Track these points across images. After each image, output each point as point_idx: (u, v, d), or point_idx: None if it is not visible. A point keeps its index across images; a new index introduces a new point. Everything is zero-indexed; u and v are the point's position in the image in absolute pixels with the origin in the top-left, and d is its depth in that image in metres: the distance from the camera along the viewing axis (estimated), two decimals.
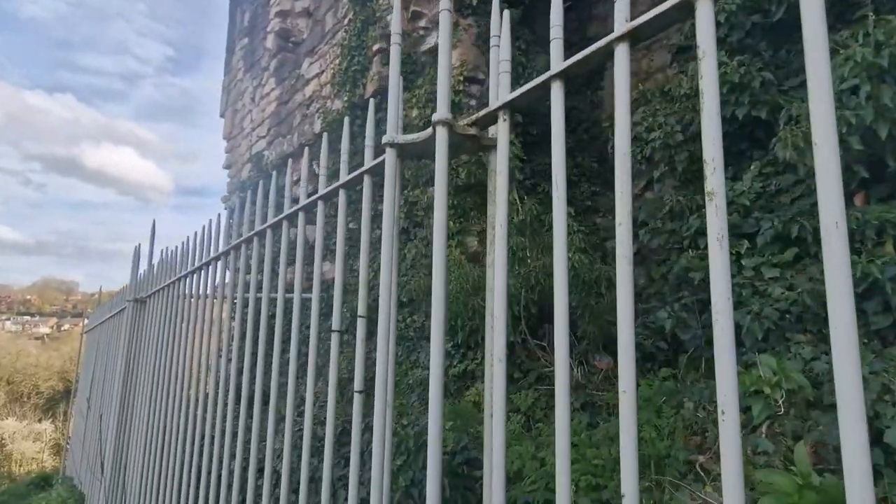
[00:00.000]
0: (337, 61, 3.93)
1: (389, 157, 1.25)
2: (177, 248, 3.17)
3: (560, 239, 0.91)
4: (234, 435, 2.23)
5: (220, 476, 2.08)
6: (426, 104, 3.43)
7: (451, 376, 2.73)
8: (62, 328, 44.41)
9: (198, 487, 2.27)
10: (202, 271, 2.76)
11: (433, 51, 3.50)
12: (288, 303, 2.47)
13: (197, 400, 2.63)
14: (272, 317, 2.02)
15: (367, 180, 1.49)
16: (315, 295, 1.90)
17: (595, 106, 3.84)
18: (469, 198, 3.21)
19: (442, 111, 1.11)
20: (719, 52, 1.99)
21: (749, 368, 2.01)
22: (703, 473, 1.99)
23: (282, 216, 2.08)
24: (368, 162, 1.48)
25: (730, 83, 2.61)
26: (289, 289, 2.91)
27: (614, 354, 1.47)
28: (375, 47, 3.54)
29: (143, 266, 3.76)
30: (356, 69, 3.66)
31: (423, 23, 3.51)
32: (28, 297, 56.98)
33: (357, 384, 1.37)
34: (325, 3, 4.27)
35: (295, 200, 2.02)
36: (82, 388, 6.57)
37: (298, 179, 4.94)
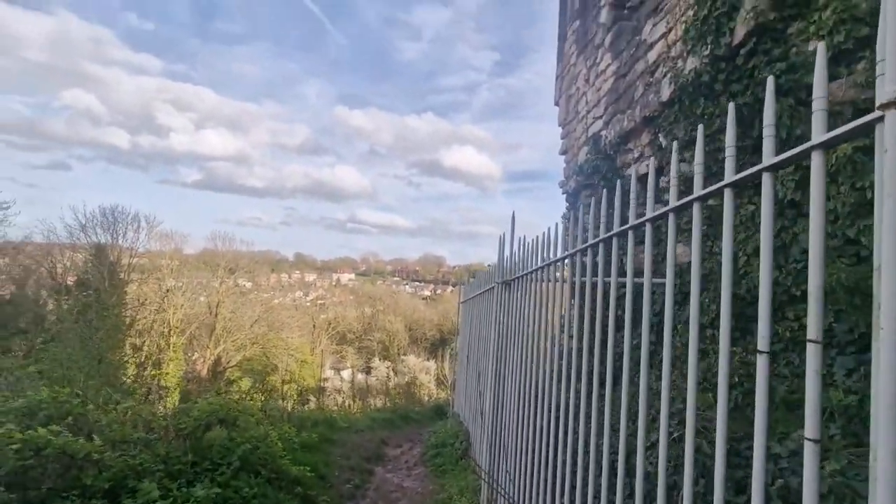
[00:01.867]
0: (690, 12, 3.39)
1: (893, 122, 0.85)
2: (535, 238, 3.47)
3: None
4: (588, 413, 2.26)
5: (576, 444, 2.13)
6: (832, 31, 2.52)
7: None
8: (437, 292, 58.53)
9: (555, 449, 2.42)
10: (557, 265, 2.94)
11: None
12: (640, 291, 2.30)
13: (552, 372, 2.84)
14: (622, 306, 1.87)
15: (816, 160, 1.09)
16: (669, 282, 1.67)
17: None
18: None
19: None
20: None
21: None
22: None
23: (644, 219, 1.90)
24: (819, 131, 1.08)
25: None
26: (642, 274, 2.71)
27: None
28: None
29: (506, 251, 4.33)
30: (719, 13, 3.05)
31: None
32: (416, 268, 77.74)
33: (809, 430, 1.05)
34: None
35: (663, 202, 1.77)
36: (460, 345, 8.34)
37: (640, 156, 4.64)
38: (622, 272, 3.17)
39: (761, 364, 1.25)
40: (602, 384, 2.28)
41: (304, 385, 19.05)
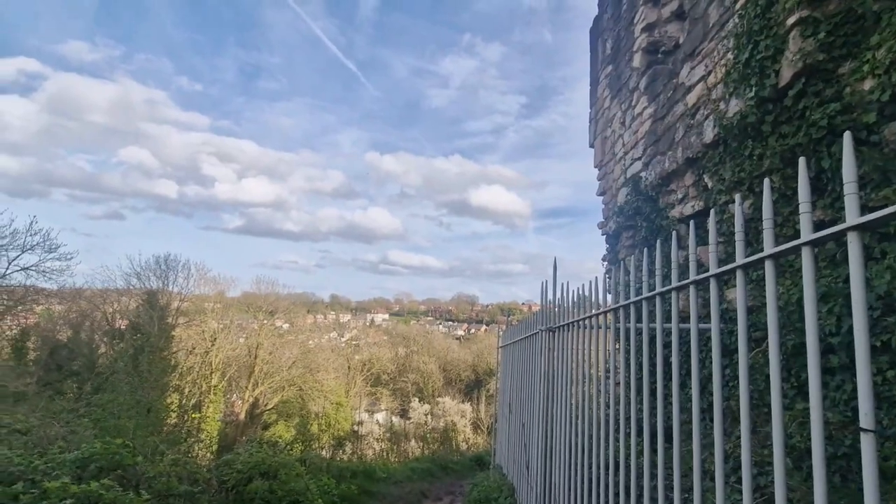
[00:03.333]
0: (730, 55, 3.37)
1: None
2: (577, 290, 3.41)
3: None
4: (641, 467, 2.10)
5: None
6: (889, 70, 2.43)
7: None
8: (470, 331, 57.79)
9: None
10: (600, 317, 2.87)
11: None
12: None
13: (607, 421, 2.69)
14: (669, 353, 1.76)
15: None
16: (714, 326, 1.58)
17: None
18: None
19: None
20: None
21: None
22: None
23: (687, 282, 1.86)
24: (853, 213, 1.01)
25: None
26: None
27: None
28: (791, 20, 2.81)
29: (549, 295, 4.24)
30: (762, 56, 3.01)
31: None
32: (449, 308, 77.35)
33: None
34: None
35: (702, 267, 1.70)
36: (500, 392, 8.10)
37: (684, 197, 4.53)
38: (680, 318, 3.03)
39: (867, 445, 1.13)
40: (669, 439, 2.14)
41: (340, 430, 18.85)
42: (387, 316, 69.48)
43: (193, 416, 15.24)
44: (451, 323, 68.27)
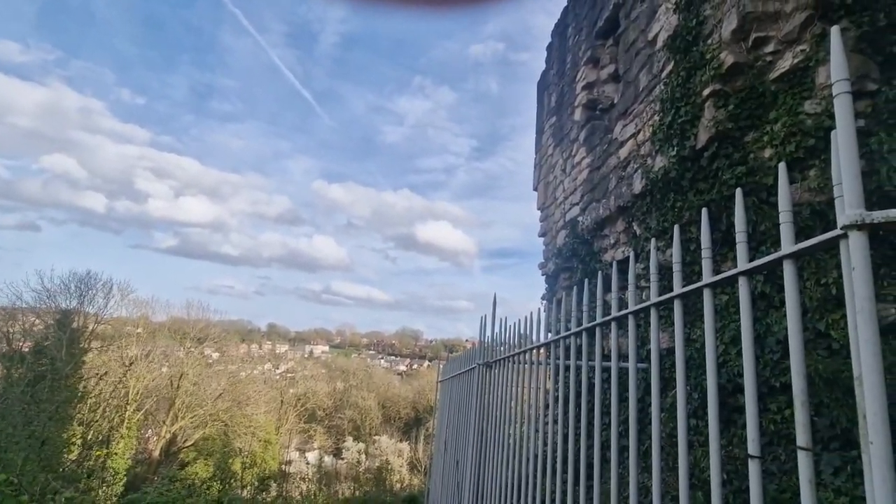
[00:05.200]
0: (656, 117, 3.73)
1: (857, 242, 0.93)
2: (514, 324, 3.51)
3: None
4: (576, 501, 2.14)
5: None
6: (784, 142, 2.80)
7: None
8: (413, 367, 56.78)
9: None
10: (534, 351, 2.97)
11: (787, 76, 2.88)
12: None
13: (537, 458, 2.73)
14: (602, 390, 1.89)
15: (788, 268, 1.18)
16: (654, 373, 1.71)
17: None
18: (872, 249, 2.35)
19: None
20: None
21: None
22: None
23: (609, 318, 2.02)
24: (788, 243, 1.17)
25: None
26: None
27: None
28: (706, 91, 3.18)
29: (488, 331, 4.31)
30: (683, 120, 3.36)
31: (769, 47, 2.95)
32: (392, 342, 75.93)
33: None
34: (637, 62, 4.19)
35: (640, 287, 1.88)
36: (437, 428, 7.96)
37: (615, 242, 4.84)
38: (605, 356, 3.18)
39: (753, 469, 1.24)
40: (589, 475, 2.20)
41: (267, 469, 17.58)
42: (327, 348, 66.98)
43: (98, 452, 13.71)
44: (393, 357, 66.83)
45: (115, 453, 14.82)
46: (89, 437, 13.93)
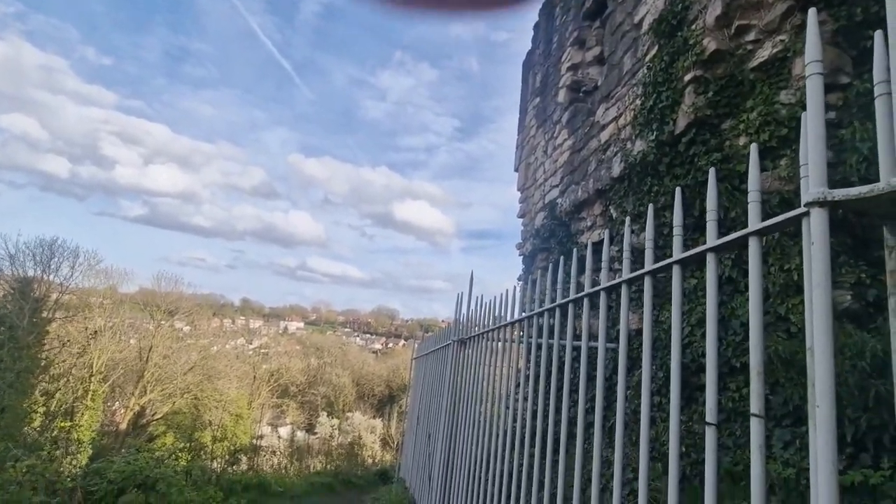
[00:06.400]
0: (638, 101, 3.75)
1: (817, 219, 0.97)
2: (493, 298, 3.53)
3: None
4: (542, 474, 2.22)
5: None
6: (759, 130, 2.87)
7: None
8: (388, 345, 57.07)
9: None
10: (511, 327, 3.01)
11: (765, 66, 2.93)
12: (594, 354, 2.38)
13: (506, 433, 2.80)
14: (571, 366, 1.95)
15: (753, 244, 1.22)
16: (622, 351, 1.77)
17: None
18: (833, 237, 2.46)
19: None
20: None
21: None
22: None
23: (581, 294, 2.06)
24: (755, 220, 1.21)
25: None
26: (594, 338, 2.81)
27: None
28: (688, 77, 3.21)
29: (463, 309, 4.35)
30: (663, 105, 3.39)
31: (750, 36, 2.99)
32: (368, 320, 75.93)
33: None
34: (622, 45, 4.19)
35: (614, 270, 1.92)
36: (411, 404, 8.07)
37: (592, 225, 4.90)
38: (576, 336, 3.26)
39: (710, 436, 1.30)
40: (556, 450, 2.27)
41: (238, 443, 17.56)
42: (302, 324, 66.56)
43: (62, 424, 13.42)
44: (369, 336, 66.91)
45: (80, 425, 14.53)
46: (52, 407, 13.62)
